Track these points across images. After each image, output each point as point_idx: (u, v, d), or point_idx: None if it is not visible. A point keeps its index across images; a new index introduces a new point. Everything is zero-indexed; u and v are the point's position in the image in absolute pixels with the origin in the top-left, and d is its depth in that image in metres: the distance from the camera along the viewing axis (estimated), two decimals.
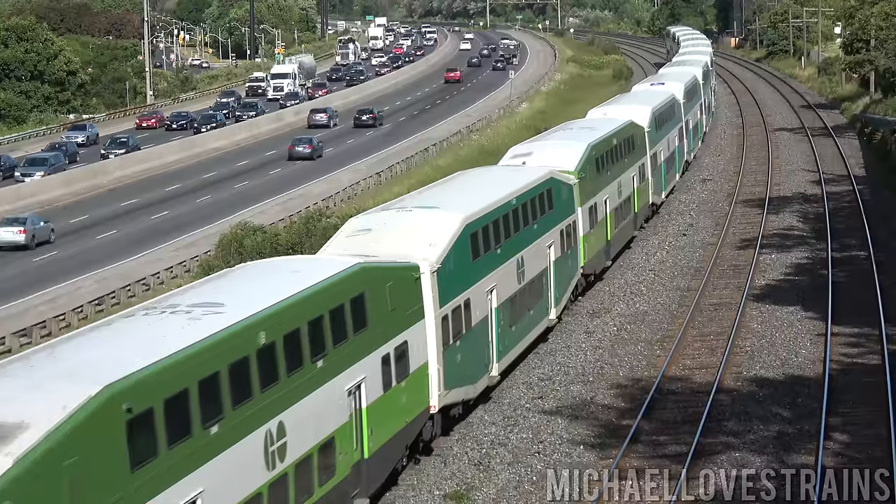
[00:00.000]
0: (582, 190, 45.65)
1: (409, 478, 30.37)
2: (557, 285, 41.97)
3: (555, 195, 42.49)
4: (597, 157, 48.99)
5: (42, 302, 53.60)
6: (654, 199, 62.08)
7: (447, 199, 36.94)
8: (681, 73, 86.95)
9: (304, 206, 70.44)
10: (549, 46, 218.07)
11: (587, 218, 46.29)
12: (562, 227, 42.93)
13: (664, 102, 68.85)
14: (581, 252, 45.31)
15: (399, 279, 29.17)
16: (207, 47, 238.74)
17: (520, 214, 38.59)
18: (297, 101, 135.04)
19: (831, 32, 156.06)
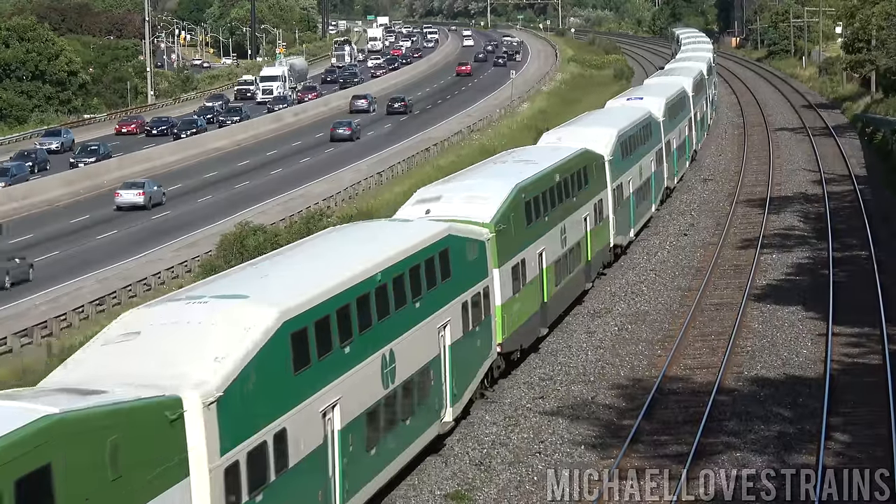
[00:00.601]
0: (500, 246, 36.10)
1: (409, 478, 30.38)
2: (457, 376, 32.21)
3: (453, 258, 32.71)
4: (527, 200, 39.53)
5: (43, 302, 53.62)
6: (617, 241, 52.28)
7: None
8: (665, 85, 75.75)
9: (305, 206, 70.47)
10: (549, 46, 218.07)
11: (508, 280, 36.71)
12: (464, 299, 33.11)
13: (637, 122, 58.96)
14: (497, 326, 35.66)
15: None
16: (208, 47, 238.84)
17: (390, 292, 28.86)
18: (285, 104, 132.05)
19: (832, 32, 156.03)
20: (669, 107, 67.40)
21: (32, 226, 72.40)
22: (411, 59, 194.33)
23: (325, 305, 25.66)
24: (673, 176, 68.59)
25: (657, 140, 62.88)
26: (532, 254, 39.51)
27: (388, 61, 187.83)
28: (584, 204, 46.48)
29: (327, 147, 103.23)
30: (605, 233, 50.21)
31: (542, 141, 53.95)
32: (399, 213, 37.77)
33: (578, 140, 50.76)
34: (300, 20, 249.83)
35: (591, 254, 47.22)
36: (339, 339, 26.06)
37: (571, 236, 44.31)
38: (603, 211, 49.51)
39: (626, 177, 53.99)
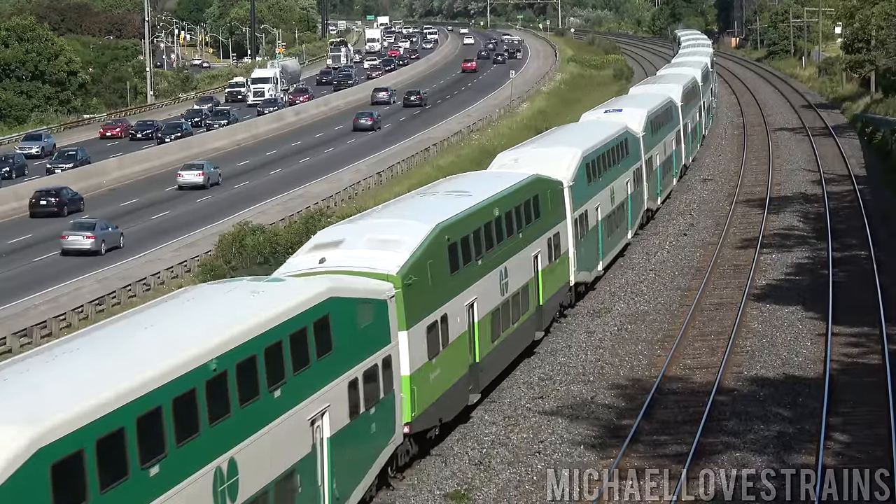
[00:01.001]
0: (410, 303, 29.64)
1: (409, 478, 30.37)
2: (340, 475, 26.24)
3: (336, 327, 26.10)
4: (453, 242, 33.16)
5: (43, 301, 53.63)
6: (580, 278, 45.74)
7: None
8: (649, 95, 70.29)
9: (305, 206, 70.48)
10: (549, 46, 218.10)
11: (420, 344, 30.28)
12: (353, 376, 26.73)
13: (610, 139, 52.84)
14: (405, 402, 29.38)
15: None
16: (208, 47, 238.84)
17: (231, 384, 22.41)
18: (275, 107, 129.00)
19: (832, 32, 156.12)
20: (652, 119, 61.88)
21: (32, 225, 72.36)
22: (408, 61, 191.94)
23: (86, 431, 18.61)
24: (655, 196, 62.60)
25: (635, 158, 56.85)
26: (458, 307, 32.94)
27: (384, 62, 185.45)
28: (534, 240, 40.04)
29: (327, 147, 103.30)
30: (564, 270, 43.70)
31: (497, 163, 47.12)
32: (289, 263, 31.11)
33: (536, 162, 45.09)
34: (300, 20, 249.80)
35: (543, 297, 40.60)
36: (101, 476, 18.88)
37: (516, 279, 37.75)
38: (560, 245, 42.95)
39: (593, 203, 47.81)
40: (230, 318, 23.63)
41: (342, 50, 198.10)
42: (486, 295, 35.13)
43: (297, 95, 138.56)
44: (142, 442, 19.58)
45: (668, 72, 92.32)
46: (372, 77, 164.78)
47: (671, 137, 68.08)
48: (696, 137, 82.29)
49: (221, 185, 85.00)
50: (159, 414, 20.16)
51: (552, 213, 42.42)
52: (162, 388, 20.29)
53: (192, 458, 20.96)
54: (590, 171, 47.60)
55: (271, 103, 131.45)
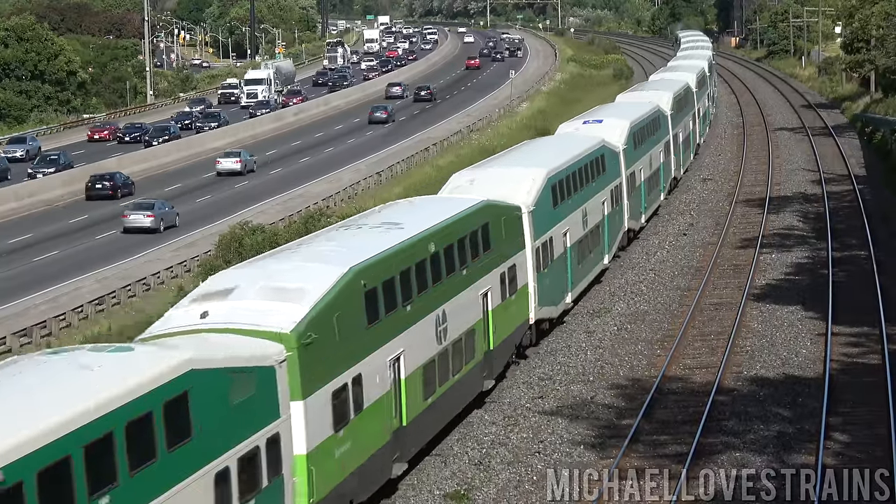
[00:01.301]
0: (309, 366, 25.00)
1: (409, 478, 30.37)
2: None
3: (198, 408, 21.82)
4: (370, 288, 28.41)
5: (43, 301, 53.61)
6: (542, 314, 41.26)
7: None
8: (633, 105, 66.36)
9: (305, 206, 70.46)
10: (549, 46, 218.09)
11: (323, 414, 25.60)
12: (222, 464, 22.33)
13: (585, 155, 49.00)
14: (301, 486, 24.72)
15: None
16: (208, 47, 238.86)
17: None
18: (268, 109, 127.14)
19: (831, 32, 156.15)
20: (636, 131, 58.03)
21: (32, 225, 72.38)
22: (406, 62, 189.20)
23: None
24: (638, 215, 58.27)
25: (614, 175, 52.74)
26: (378, 363, 28.25)
27: (381, 63, 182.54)
28: (483, 275, 35.52)
29: (327, 147, 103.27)
30: (522, 307, 39.26)
31: (450, 186, 42.63)
32: (167, 316, 26.33)
33: (493, 185, 40.81)
34: (299, 20, 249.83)
35: (493, 341, 36.01)
36: None
37: (457, 324, 33.08)
38: (517, 280, 38.54)
39: (560, 228, 43.63)
40: (31, 410, 18.67)
41: (339, 51, 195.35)
42: (417, 346, 30.43)
43: (290, 97, 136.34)
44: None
45: (661, 77, 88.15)
46: (368, 78, 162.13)
47: (658, 149, 63.89)
48: (689, 147, 78.45)
49: (219, 185, 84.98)
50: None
51: (507, 243, 37.81)
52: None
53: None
54: (556, 192, 43.22)
55: (263, 105, 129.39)
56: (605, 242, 50.44)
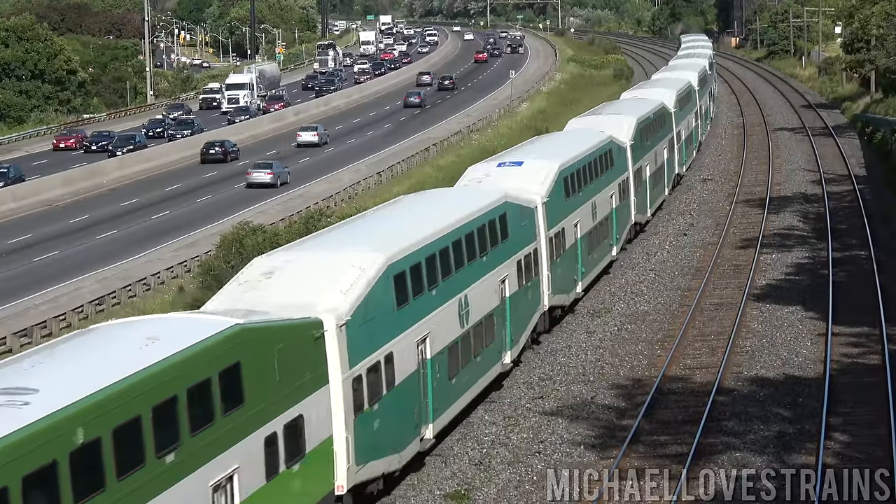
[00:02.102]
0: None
1: (409, 478, 30.38)
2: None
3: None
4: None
5: (43, 301, 53.62)
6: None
7: None
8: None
9: (305, 206, 70.45)
10: (549, 46, 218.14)
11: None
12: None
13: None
14: None
15: None
16: (208, 47, 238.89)
17: None
18: (247, 115, 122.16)
19: (832, 32, 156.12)
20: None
21: (32, 225, 72.41)
22: (400, 65, 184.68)
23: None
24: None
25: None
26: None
27: (375, 66, 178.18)
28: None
29: (327, 146, 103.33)
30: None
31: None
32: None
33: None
34: (300, 20, 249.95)
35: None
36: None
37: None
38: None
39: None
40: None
41: (330, 53, 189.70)
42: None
43: (271, 103, 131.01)
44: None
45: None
46: (360, 82, 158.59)
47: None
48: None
49: (219, 185, 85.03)
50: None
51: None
52: None
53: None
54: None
55: (243, 111, 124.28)
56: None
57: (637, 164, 56.67)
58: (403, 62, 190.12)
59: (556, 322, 43.41)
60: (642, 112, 60.95)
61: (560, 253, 42.71)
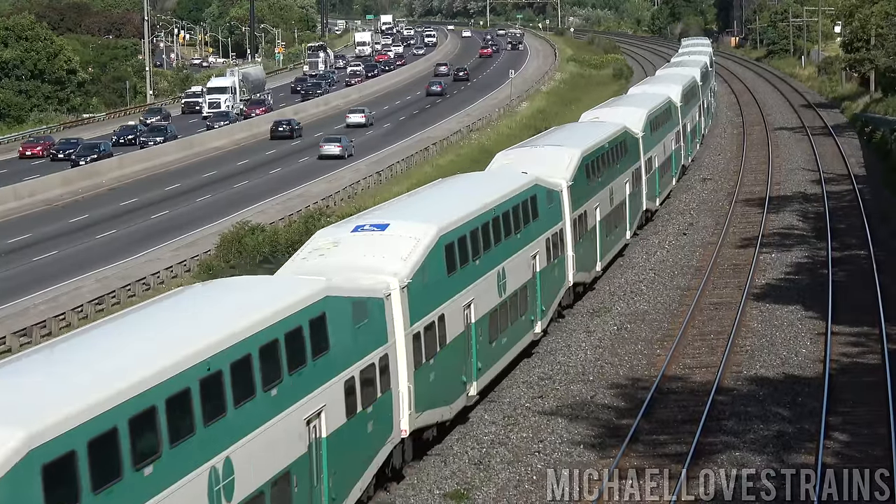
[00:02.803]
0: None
1: (409, 477, 30.37)
2: None
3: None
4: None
5: (43, 301, 53.60)
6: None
7: None
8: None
9: (305, 206, 70.45)
10: (549, 45, 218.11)
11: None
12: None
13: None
14: None
15: None
16: (208, 46, 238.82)
17: None
18: (226, 121, 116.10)
19: (831, 31, 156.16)
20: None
21: (31, 225, 72.40)
22: (394, 67, 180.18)
23: None
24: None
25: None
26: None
27: (368, 68, 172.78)
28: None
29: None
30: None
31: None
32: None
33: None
34: (299, 19, 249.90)
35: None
36: None
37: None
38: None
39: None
40: None
41: (320, 55, 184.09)
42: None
43: (252, 108, 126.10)
44: None
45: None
46: (351, 84, 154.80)
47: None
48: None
49: (219, 185, 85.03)
50: None
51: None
52: None
53: None
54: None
55: (222, 117, 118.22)
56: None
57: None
58: (398, 64, 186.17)
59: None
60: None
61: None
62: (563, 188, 43.98)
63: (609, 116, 59.75)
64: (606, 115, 60.80)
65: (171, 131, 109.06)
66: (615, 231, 52.22)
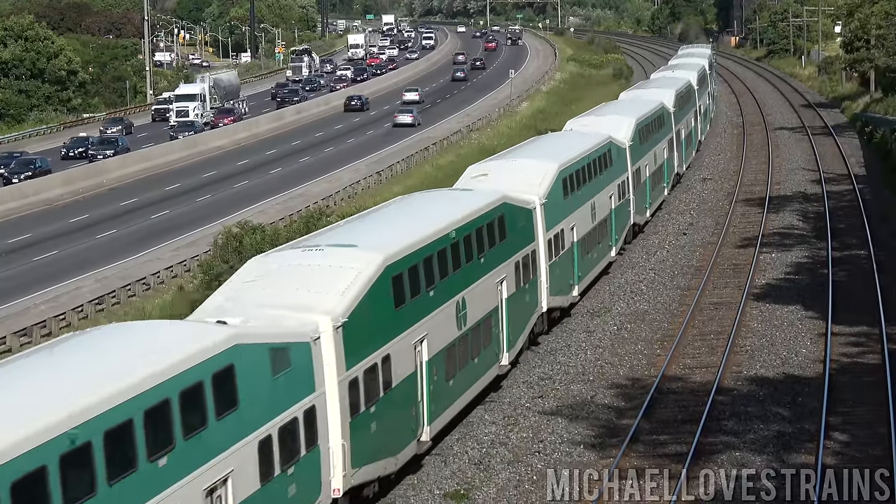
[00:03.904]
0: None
1: (409, 477, 30.38)
2: None
3: None
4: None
5: (43, 301, 53.60)
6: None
7: None
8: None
9: (305, 206, 70.41)
10: (549, 45, 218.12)
11: None
12: None
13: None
14: None
15: None
16: (208, 46, 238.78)
17: None
18: (191, 131, 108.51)
19: (831, 31, 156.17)
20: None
21: (32, 225, 72.41)
22: (385, 71, 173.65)
23: None
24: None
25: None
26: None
27: (357, 72, 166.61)
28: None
29: (327, 146, 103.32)
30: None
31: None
32: None
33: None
34: (299, 19, 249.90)
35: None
36: None
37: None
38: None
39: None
40: None
41: (304, 60, 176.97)
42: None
43: (220, 117, 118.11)
44: None
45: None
46: (335, 90, 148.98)
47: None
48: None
49: (219, 185, 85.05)
50: None
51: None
52: None
53: None
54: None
55: (188, 127, 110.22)
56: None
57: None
58: (390, 68, 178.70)
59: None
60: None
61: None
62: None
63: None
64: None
65: (123, 144, 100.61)
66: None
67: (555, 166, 43.27)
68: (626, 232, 54.65)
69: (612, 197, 51.44)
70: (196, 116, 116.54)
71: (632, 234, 56.52)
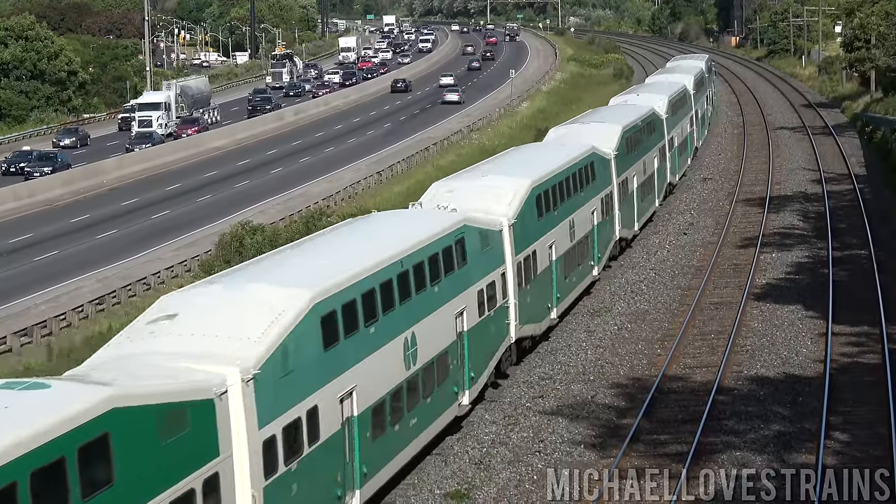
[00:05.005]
0: None
1: (409, 477, 30.39)
2: None
3: None
4: None
5: (43, 301, 53.61)
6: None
7: None
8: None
9: (305, 206, 70.43)
10: (549, 45, 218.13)
11: None
12: None
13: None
14: None
15: None
16: (208, 46, 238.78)
17: None
18: (149, 143, 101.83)
19: (831, 31, 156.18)
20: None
21: (32, 225, 72.41)
22: (376, 75, 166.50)
23: None
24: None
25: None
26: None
27: (345, 76, 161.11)
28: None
29: (327, 146, 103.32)
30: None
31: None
32: None
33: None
34: (300, 19, 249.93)
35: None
36: None
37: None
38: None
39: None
40: None
41: (286, 66, 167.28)
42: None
43: (184, 127, 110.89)
44: None
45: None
46: (317, 95, 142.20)
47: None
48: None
49: (219, 185, 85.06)
50: None
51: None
52: None
53: None
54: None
55: (145, 139, 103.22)
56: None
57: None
58: (381, 72, 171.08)
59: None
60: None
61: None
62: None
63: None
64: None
65: (63, 160, 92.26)
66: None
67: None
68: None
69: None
70: (160, 126, 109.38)
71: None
